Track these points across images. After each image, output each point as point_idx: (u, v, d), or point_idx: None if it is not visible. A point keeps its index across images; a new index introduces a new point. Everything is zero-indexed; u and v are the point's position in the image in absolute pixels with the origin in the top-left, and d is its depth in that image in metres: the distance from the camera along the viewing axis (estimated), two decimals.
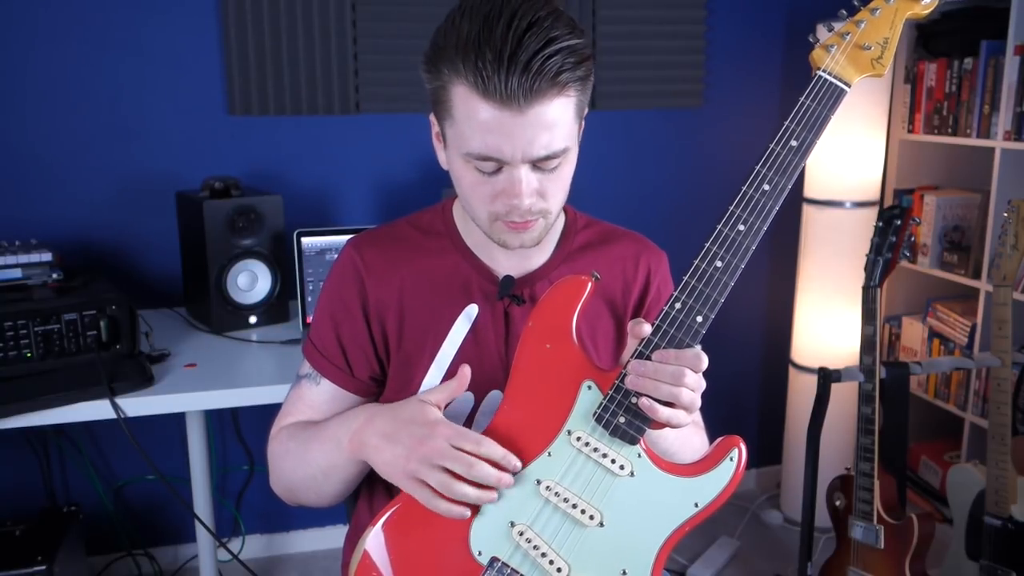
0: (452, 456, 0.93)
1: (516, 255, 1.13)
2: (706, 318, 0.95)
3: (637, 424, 0.95)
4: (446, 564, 0.96)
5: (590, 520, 0.95)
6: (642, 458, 0.96)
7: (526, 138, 0.96)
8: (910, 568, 1.84)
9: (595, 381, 0.97)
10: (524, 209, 1.01)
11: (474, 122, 0.96)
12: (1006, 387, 1.89)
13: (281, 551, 2.62)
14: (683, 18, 2.61)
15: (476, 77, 0.93)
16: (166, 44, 2.28)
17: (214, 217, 2.03)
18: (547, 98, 0.95)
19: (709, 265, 0.95)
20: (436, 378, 1.12)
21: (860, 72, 0.99)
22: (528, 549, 0.95)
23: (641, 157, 2.70)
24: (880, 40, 0.99)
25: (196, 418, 2.15)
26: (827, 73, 0.98)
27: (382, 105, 2.42)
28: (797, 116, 0.97)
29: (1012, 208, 1.87)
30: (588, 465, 0.96)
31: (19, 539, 1.97)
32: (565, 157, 1.02)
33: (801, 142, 0.96)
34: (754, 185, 0.96)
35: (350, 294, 1.14)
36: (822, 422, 1.93)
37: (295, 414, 1.18)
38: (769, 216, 0.95)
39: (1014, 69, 2.27)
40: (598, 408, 0.96)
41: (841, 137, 2.51)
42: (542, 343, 0.99)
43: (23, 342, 1.75)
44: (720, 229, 0.96)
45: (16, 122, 2.21)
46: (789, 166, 0.96)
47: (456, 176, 1.05)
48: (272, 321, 2.14)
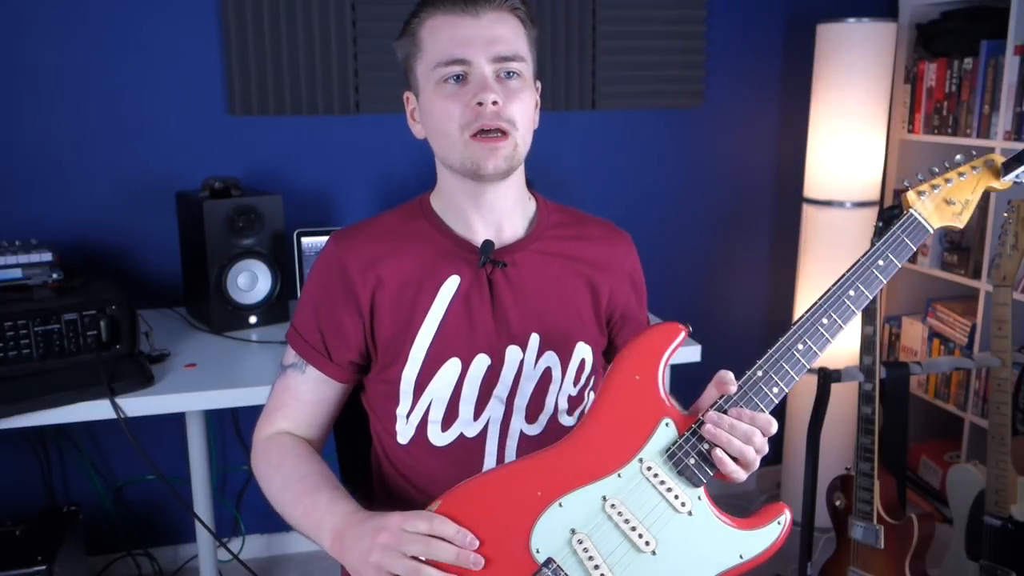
0: (407, 539, 0.97)
1: (493, 226, 1.19)
2: (781, 391, 1.05)
3: (704, 468, 1.01)
4: (503, 553, 0.99)
5: (646, 546, 0.99)
6: (702, 501, 1.02)
7: (486, 37, 1.10)
8: (910, 568, 1.84)
9: (673, 420, 1.04)
10: (491, 107, 1.09)
11: (439, 37, 1.11)
12: (1006, 387, 1.89)
13: (281, 551, 2.62)
14: (683, 18, 2.61)
15: (438, 3, 1.11)
16: (166, 44, 2.28)
17: (214, 217, 2.03)
18: (498, 10, 1.11)
19: (792, 346, 1.07)
20: (422, 349, 1.16)
21: (942, 221, 1.18)
22: (584, 559, 0.98)
23: (641, 157, 2.70)
24: (963, 200, 1.19)
25: (196, 418, 2.15)
26: (917, 214, 1.16)
27: (382, 105, 2.42)
28: (888, 241, 1.13)
29: (1012, 208, 1.87)
30: (653, 495, 1.01)
31: (19, 539, 1.97)
32: (524, 81, 1.13)
33: (887, 262, 1.12)
34: (842, 288, 1.10)
35: (331, 280, 1.19)
36: (822, 422, 1.93)
37: (281, 408, 1.22)
38: (851, 318, 1.09)
39: (1014, 69, 2.27)
40: (672, 446, 1.03)
41: (841, 137, 2.51)
42: (633, 373, 1.06)
43: (23, 342, 1.75)
44: (807, 317, 1.08)
45: (17, 122, 2.21)
46: (873, 279, 1.11)
47: (429, 113, 1.14)
48: (272, 321, 2.14)
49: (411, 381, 1.17)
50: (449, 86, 1.11)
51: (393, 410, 1.20)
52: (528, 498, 1.00)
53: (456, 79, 1.11)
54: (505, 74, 1.11)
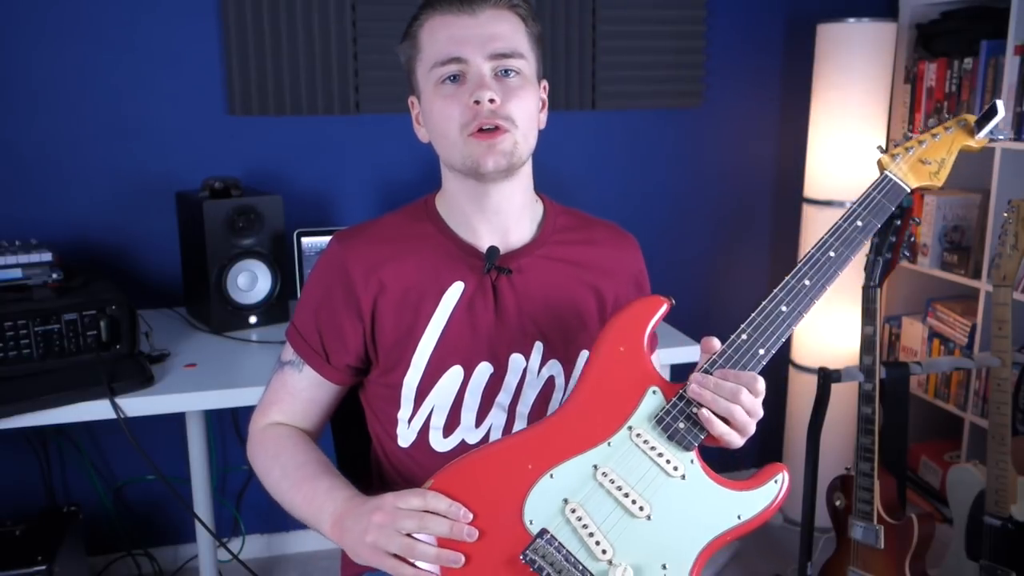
0: (401, 516, 0.98)
1: (498, 230, 1.18)
2: (768, 351, 1.05)
3: (695, 432, 1.01)
4: (498, 526, 1.00)
5: (640, 511, 0.99)
6: (695, 464, 1.02)
7: (483, 35, 1.09)
8: (910, 568, 1.84)
9: (660, 388, 1.05)
10: (488, 105, 1.07)
11: (437, 37, 1.11)
12: (1006, 387, 1.89)
13: (281, 551, 2.62)
14: (683, 18, 2.61)
15: (437, 3, 1.12)
16: (166, 44, 2.28)
17: (214, 217, 2.03)
18: (496, 7, 1.11)
19: (775, 308, 1.07)
20: (424, 356, 1.15)
21: (919, 181, 1.19)
22: (578, 527, 0.99)
23: (641, 157, 2.70)
24: (938, 159, 1.20)
25: (196, 418, 2.16)
26: (893, 175, 1.18)
27: (382, 105, 2.42)
28: (864, 202, 1.14)
29: (1012, 208, 1.87)
30: (644, 461, 1.02)
31: (19, 539, 1.97)
32: (524, 79, 1.12)
33: (865, 224, 1.13)
34: (822, 250, 1.11)
35: (333, 283, 1.18)
36: (822, 422, 1.93)
37: (277, 402, 1.22)
38: (832, 278, 1.10)
39: (1014, 69, 2.27)
40: (660, 412, 1.04)
41: (841, 137, 2.51)
42: (617, 345, 1.07)
43: (23, 342, 1.75)
44: (788, 280, 1.09)
45: (17, 122, 2.21)
46: (852, 241, 1.12)
47: (430, 115, 1.14)
48: (272, 321, 2.14)
49: (412, 388, 1.17)
50: (447, 86, 1.11)
51: (394, 414, 1.19)
52: (519, 471, 1.01)
53: (453, 79, 1.10)
54: (503, 72, 1.11)
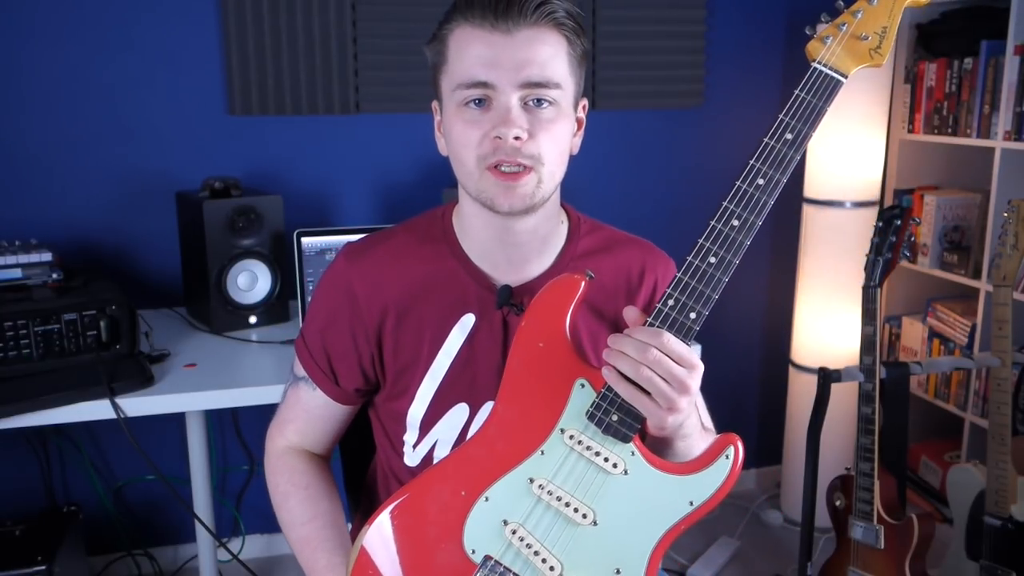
0: None
1: (516, 264, 1.10)
2: (699, 315, 0.93)
3: (629, 422, 0.93)
4: (441, 562, 0.97)
5: (583, 519, 0.94)
6: (636, 456, 0.94)
7: (516, 60, 0.97)
8: (910, 568, 1.84)
9: (588, 380, 0.96)
10: (512, 143, 0.98)
11: (466, 53, 0.99)
12: (1006, 387, 1.89)
13: (281, 551, 2.62)
14: (683, 18, 2.61)
15: (469, 10, 0.99)
16: (166, 44, 2.28)
17: (214, 217, 2.03)
18: (536, 26, 0.98)
19: (703, 261, 0.93)
20: (430, 389, 1.11)
21: (857, 63, 0.95)
22: (521, 547, 0.95)
23: (641, 157, 2.70)
24: (878, 29, 0.96)
25: (196, 418, 2.15)
26: (823, 65, 0.96)
27: (382, 105, 2.42)
28: (792, 109, 0.94)
29: (1012, 208, 1.87)
30: (581, 463, 0.95)
31: (19, 539, 1.97)
32: (559, 110, 1.01)
33: (796, 135, 0.93)
34: (748, 180, 0.94)
35: (339, 304, 1.13)
36: (822, 422, 1.93)
37: (293, 420, 1.20)
38: (763, 211, 0.93)
39: (1014, 69, 2.27)
40: (591, 406, 0.95)
41: (841, 137, 2.51)
42: (535, 342, 0.98)
43: (23, 342, 1.75)
44: (714, 225, 0.94)
45: (16, 122, 2.21)
46: (784, 160, 0.93)
47: (449, 134, 1.04)
48: (272, 321, 2.14)
49: (418, 418, 1.13)
50: (470, 110, 1.00)
51: (401, 435, 1.17)
52: (453, 501, 0.97)
53: (478, 103, 1.00)
54: (535, 102, 0.99)
